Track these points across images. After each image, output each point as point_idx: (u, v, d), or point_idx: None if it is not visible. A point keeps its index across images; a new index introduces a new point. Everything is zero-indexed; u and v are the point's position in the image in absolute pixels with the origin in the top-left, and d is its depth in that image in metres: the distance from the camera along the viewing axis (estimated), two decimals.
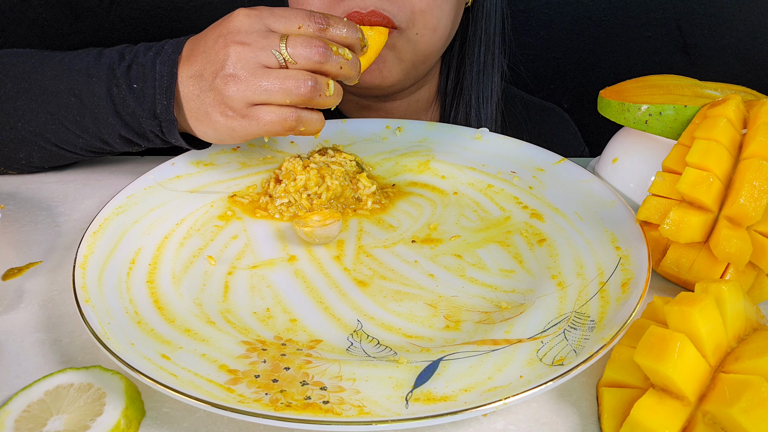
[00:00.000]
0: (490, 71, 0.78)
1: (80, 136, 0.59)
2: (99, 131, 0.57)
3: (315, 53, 0.51)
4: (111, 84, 0.56)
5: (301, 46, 0.50)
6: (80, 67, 0.57)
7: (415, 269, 0.51)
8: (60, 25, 1.08)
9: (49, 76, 0.58)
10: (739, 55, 1.15)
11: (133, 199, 0.55)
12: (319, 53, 0.51)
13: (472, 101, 0.78)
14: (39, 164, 0.64)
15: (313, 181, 0.57)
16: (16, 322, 0.46)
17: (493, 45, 0.77)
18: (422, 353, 0.41)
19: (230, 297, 0.47)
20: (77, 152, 0.61)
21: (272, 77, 0.50)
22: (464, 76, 0.78)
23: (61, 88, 0.57)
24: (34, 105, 0.58)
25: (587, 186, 0.58)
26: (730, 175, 0.47)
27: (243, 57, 0.50)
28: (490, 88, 0.78)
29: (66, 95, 0.57)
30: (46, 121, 0.58)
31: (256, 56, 0.50)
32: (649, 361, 0.35)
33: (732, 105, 0.49)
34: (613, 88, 0.61)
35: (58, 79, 0.58)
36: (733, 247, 0.44)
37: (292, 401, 0.36)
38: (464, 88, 0.78)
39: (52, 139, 0.60)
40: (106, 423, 0.36)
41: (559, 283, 0.48)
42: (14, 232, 0.57)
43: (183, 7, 1.10)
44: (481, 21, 0.76)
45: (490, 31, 0.77)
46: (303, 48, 0.50)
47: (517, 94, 0.89)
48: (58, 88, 0.58)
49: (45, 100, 0.58)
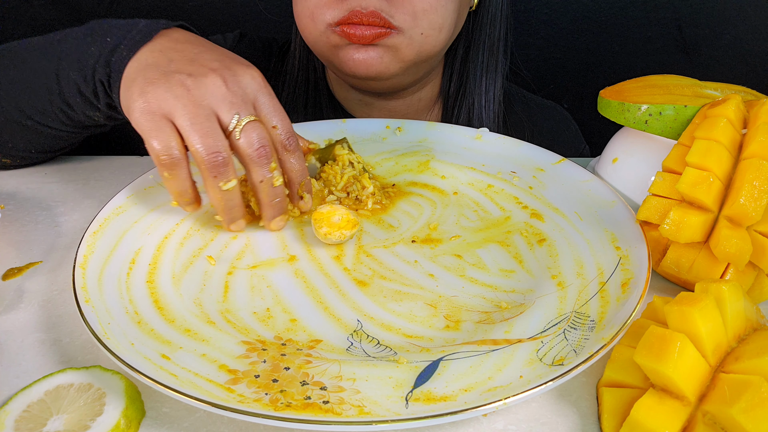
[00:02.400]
0: (493, 75, 0.79)
1: (47, 99, 0.58)
2: (60, 87, 0.57)
3: (257, 148, 0.48)
4: (85, 42, 0.56)
5: (257, 136, 0.48)
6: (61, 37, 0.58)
7: (415, 269, 0.51)
8: (60, 25, 1.07)
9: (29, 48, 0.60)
10: (739, 55, 1.15)
11: (133, 199, 0.55)
12: (260, 152, 0.48)
13: (474, 103, 0.79)
14: (25, 147, 0.64)
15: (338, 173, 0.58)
16: (16, 322, 0.46)
17: (497, 50, 0.78)
18: (422, 353, 0.41)
19: (230, 297, 0.47)
20: (49, 124, 0.61)
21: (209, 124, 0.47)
22: (467, 78, 0.79)
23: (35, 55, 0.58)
24: (12, 78, 0.59)
25: (587, 186, 0.58)
26: (730, 175, 0.47)
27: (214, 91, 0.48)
28: (492, 91, 0.79)
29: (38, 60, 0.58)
30: (20, 91, 0.59)
31: (222, 102, 0.48)
32: (649, 361, 0.35)
33: (732, 105, 0.49)
34: (613, 88, 0.61)
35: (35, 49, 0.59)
36: (733, 247, 0.44)
37: (292, 401, 0.36)
38: (467, 91, 0.79)
39: (27, 111, 0.60)
40: (106, 423, 0.36)
41: (559, 283, 0.48)
42: (14, 232, 0.57)
43: (183, 7, 1.10)
44: (486, 26, 0.77)
45: (494, 36, 0.77)
46: (256, 137, 0.48)
47: (518, 92, 0.89)
48: (32, 56, 0.59)
49: (21, 69, 0.59)
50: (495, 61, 0.78)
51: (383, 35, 0.64)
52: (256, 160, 0.49)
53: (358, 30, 0.63)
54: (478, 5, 0.76)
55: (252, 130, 0.48)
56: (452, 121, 0.80)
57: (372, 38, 0.64)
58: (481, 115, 0.79)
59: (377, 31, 0.63)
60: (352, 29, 0.63)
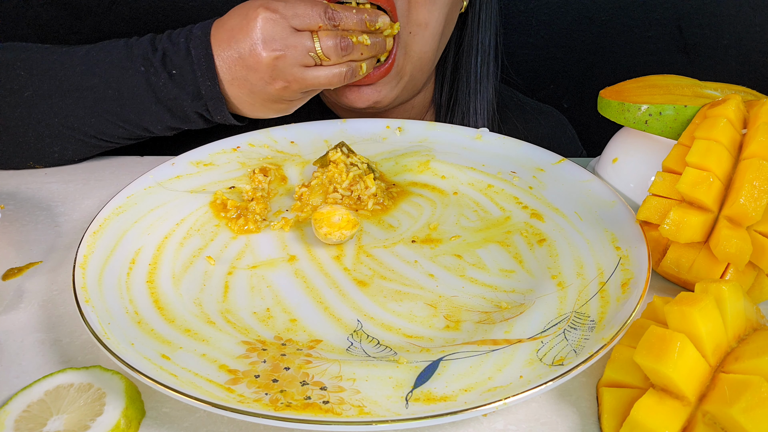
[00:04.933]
0: (486, 81, 0.79)
1: (121, 126, 0.61)
2: (141, 120, 0.61)
3: (342, 48, 0.58)
4: (149, 74, 0.59)
5: (330, 45, 0.58)
6: (111, 60, 0.60)
7: (415, 269, 0.51)
8: (60, 25, 1.08)
9: (79, 72, 0.60)
10: (739, 55, 1.15)
11: (133, 199, 0.55)
12: (345, 47, 0.58)
13: (469, 110, 0.79)
14: (72, 157, 0.66)
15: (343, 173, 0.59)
16: (16, 322, 0.46)
17: (488, 56, 0.78)
18: (422, 353, 0.41)
19: (230, 297, 0.47)
20: (116, 141, 0.64)
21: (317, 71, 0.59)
22: (459, 86, 0.79)
23: (96, 82, 0.60)
24: (69, 101, 0.60)
25: (587, 186, 0.58)
26: (730, 175, 0.47)
27: (284, 66, 0.57)
28: (485, 98, 0.79)
29: (102, 89, 0.60)
30: (84, 115, 0.61)
31: (295, 60, 0.57)
32: (649, 361, 0.35)
33: (732, 105, 0.49)
34: (613, 88, 0.61)
35: (90, 74, 0.60)
36: (733, 247, 0.44)
37: (292, 401, 0.36)
38: (459, 98, 0.79)
39: (91, 132, 0.62)
40: (106, 423, 0.36)
41: (559, 283, 0.48)
42: (14, 232, 0.57)
43: (183, 7, 1.09)
44: (476, 32, 0.77)
45: (485, 43, 0.77)
46: (332, 46, 0.58)
47: (513, 96, 0.89)
48: (92, 83, 0.60)
49: (81, 95, 0.60)
50: (487, 67, 0.78)
51: None
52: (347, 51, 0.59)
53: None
54: (468, 9, 0.75)
55: (324, 45, 0.58)
56: None
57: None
58: (476, 123, 0.79)
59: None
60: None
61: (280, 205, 0.59)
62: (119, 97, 0.59)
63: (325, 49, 0.58)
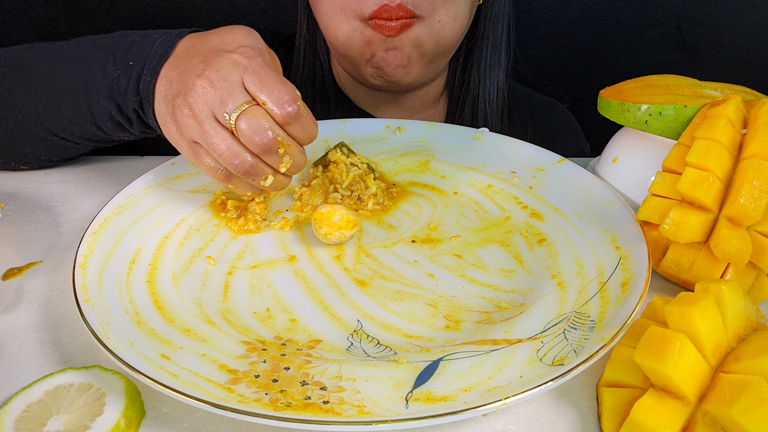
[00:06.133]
0: (497, 70, 0.80)
1: (76, 122, 0.59)
2: (92, 114, 0.58)
3: (258, 141, 0.47)
4: (107, 64, 0.56)
5: (249, 128, 0.47)
6: (78, 53, 0.58)
7: (415, 269, 0.51)
8: (60, 25, 1.08)
9: (48, 65, 0.59)
10: (739, 55, 1.15)
11: (133, 199, 0.55)
12: (261, 145, 0.47)
13: (479, 96, 0.81)
14: (47, 157, 0.65)
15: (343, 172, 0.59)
16: (16, 322, 0.46)
17: (500, 46, 0.80)
18: (422, 353, 0.41)
19: (230, 297, 0.47)
20: (76, 141, 0.62)
21: (217, 135, 0.48)
22: (471, 72, 0.81)
23: (59, 75, 0.58)
24: (33, 94, 0.59)
25: (587, 186, 0.58)
26: (730, 175, 0.47)
27: (204, 97, 0.47)
28: (496, 85, 0.81)
29: (63, 81, 0.58)
30: (45, 109, 0.59)
31: (214, 105, 0.47)
32: (649, 361, 0.35)
33: (732, 105, 0.49)
34: (613, 88, 0.61)
35: (57, 67, 0.58)
36: (733, 247, 0.44)
37: (292, 401, 0.36)
38: (471, 84, 0.81)
39: (52, 129, 0.60)
40: (106, 423, 0.36)
41: (559, 283, 0.48)
42: (14, 232, 0.57)
43: (183, 7, 1.10)
44: (489, 21, 0.78)
45: (498, 33, 0.79)
46: (250, 130, 0.47)
47: (521, 89, 0.90)
48: (56, 75, 0.58)
49: (43, 87, 0.58)
50: (498, 57, 0.80)
51: (408, 25, 0.67)
52: (261, 151, 0.48)
53: (388, 22, 0.67)
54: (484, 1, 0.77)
55: (242, 122, 0.47)
56: (457, 114, 0.82)
57: (399, 28, 0.66)
58: (486, 109, 0.81)
59: (402, 21, 0.66)
60: (382, 21, 0.66)
61: (280, 205, 0.59)
62: (75, 89, 0.57)
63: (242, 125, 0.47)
